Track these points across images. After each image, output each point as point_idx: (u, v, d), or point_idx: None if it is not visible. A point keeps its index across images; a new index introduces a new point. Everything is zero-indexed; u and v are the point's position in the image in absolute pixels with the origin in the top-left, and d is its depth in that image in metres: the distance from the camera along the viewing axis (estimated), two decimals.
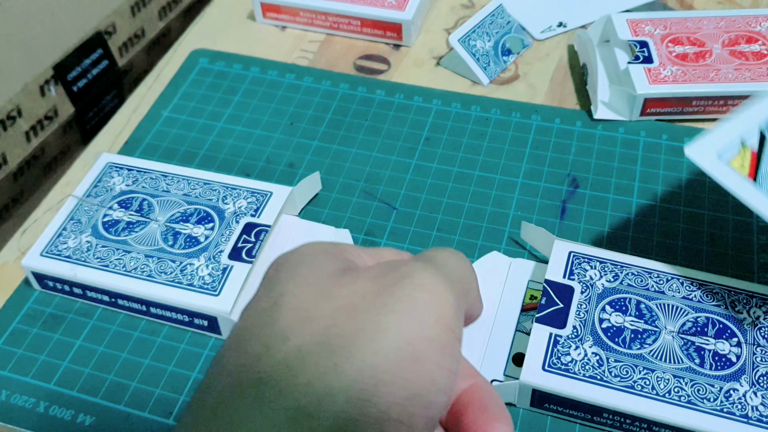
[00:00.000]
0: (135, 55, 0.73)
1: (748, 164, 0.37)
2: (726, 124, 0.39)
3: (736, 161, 0.37)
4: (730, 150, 0.38)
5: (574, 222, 0.47)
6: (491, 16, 0.58)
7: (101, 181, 0.47)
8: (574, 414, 0.37)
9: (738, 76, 0.51)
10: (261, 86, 0.57)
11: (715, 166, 0.37)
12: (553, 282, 0.40)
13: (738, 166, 0.37)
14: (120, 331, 0.43)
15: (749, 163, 0.37)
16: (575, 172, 0.50)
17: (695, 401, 0.36)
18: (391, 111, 0.55)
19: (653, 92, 0.51)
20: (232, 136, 0.53)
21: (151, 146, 0.53)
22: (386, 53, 0.60)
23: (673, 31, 0.55)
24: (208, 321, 0.41)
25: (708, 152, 0.38)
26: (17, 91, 0.61)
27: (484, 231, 0.46)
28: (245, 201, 0.45)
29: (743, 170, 0.37)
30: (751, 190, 0.36)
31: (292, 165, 0.51)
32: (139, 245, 0.43)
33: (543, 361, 0.37)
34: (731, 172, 0.37)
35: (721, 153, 0.37)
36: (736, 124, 0.39)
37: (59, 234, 0.44)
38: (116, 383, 0.40)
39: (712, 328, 0.38)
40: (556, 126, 0.53)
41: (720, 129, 0.39)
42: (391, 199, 0.49)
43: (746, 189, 0.36)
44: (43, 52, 0.63)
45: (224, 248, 0.43)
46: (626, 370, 0.37)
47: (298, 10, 0.61)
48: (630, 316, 0.39)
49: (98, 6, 0.67)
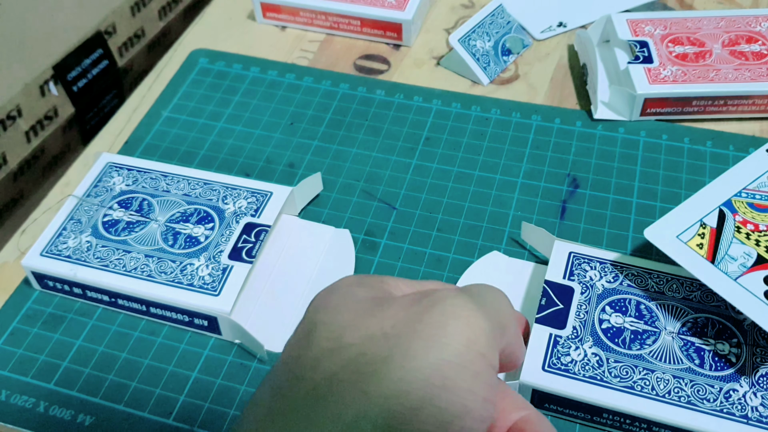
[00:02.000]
0: (135, 55, 0.73)
1: (707, 244, 0.39)
2: (685, 205, 0.41)
3: (694, 241, 0.39)
4: (688, 231, 0.39)
5: (574, 222, 0.47)
6: (491, 16, 0.58)
7: (101, 181, 0.47)
8: (574, 414, 0.37)
9: (738, 76, 0.51)
10: (261, 86, 0.57)
11: (674, 247, 0.39)
12: (553, 282, 0.40)
13: (696, 246, 0.38)
14: (120, 331, 0.43)
15: (708, 242, 0.39)
16: (575, 172, 0.50)
17: (695, 402, 0.36)
18: (391, 111, 0.55)
19: (653, 92, 0.51)
20: (232, 136, 0.53)
21: (151, 146, 0.53)
22: (386, 53, 0.60)
23: (673, 31, 0.55)
24: (208, 321, 0.41)
25: (666, 233, 0.39)
26: (17, 91, 0.61)
27: (484, 231, 0.46)
28: (245, 201, 0.45)
29: (701, 250, 0.38)
30: (709, 269, 0.38)
31: (292, 165, 0.51)
32: (139, 245, 0.43)
33: (543, 361, 0.37)
34: (690, 252, 0.38)
35: (680, 234, 0.39)
36: (694, 205, 0.41)
37: (59, 234, 0.44)
38: (116, 383, 0.40)
39: (712, 328, 0.38)
40: (556, 126, 0.53)
41: (679, 210, 0.40)
42: (391, 199, 0.49)
43: (704, 268, 0.38)
44: (43, 52, 0.63)
45: (224, 248, 0.43)
46: (626, 370, 0.37)
47: (298, 10, 0.61)
48: (630, 317, 0.39)
49: (98, 6, 0.67)
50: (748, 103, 0.51)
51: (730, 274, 0.37)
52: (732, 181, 0.42)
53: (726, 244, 0.38)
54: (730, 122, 0.52)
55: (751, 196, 0.41)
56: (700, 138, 0.51)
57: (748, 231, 0.39)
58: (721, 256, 0.38)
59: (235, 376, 0.40)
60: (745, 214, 0.40)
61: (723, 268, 0.37)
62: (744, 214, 0.40)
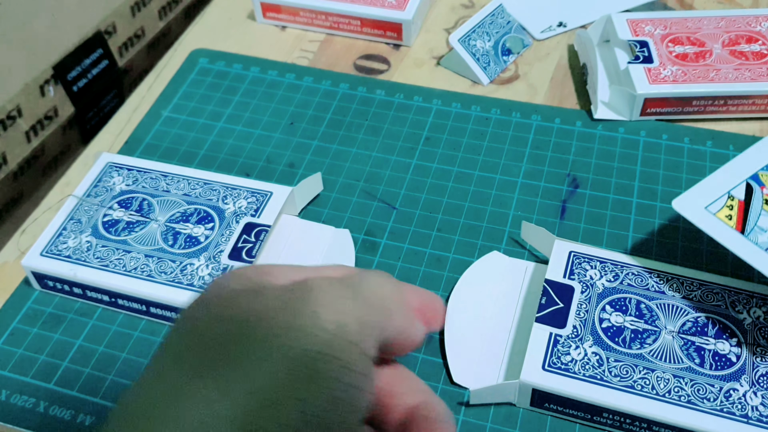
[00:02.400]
0: (135, 55, 0.73)
1: (735, 215, 0.38)
2: (712, 177, 0.40)
3: (723, 212, 0.38)
4: (717, 202, 0.39)
5: (574, 222, 0.47)
6: (491, 16, 0.58)
7: (101, 181, 0.47)
8: (574, 414, 0.37)
9: (738, 76, 0.51)
10: (261, 86, 0.57)
11: (703, 218, 0.38)
12: (553, 282, 0.40)
13: (725, 218, 0.38)
14: (120, 331, 0.43)
15: (737, 214, 0.38)
16: (575, 172, 0.50)
17: (695, 401, 0.36)
18: (391, 111, 0.55)
19: (653, 92, 0.51)
20: (232, 136, 0.53)
21: (151, 146, 0.53)
22: (386, 53, 0.60)
23: (673, 31, 0.55)
24: None
25: (695, 204, 0.39)
26: (17, 91, 0.61)
27: (484, 231, 0.46)
28: (245, 201, 0.45)
29: (731, 221, 0.38)
30: (739, 239, 0.37)
31: (292, 165, 0.51)
32: (139, 245, 0.43)
33: (543, 360, 0.37)
34: (719, 223, 0.38)
35: (708, 205, 0.39)
36: (722, 177, 0.40)
37: (59, 234, 0.44)
38: (116, 383, 0.40)
39: (712, 328, 0.38)
40: (556, 126, 0.53)
41: (707, 182, 0.40)
42: (391, 199, 0.49)
43: (735, 239, 0.37)
44: (43, 52, 0.63)
45: (224, 248, 0.43)
46: (626, 369, 0.37)
47: (298, 9, 0.61)
48: (630, 316, 0.39)
49: (98, 6, 0.67)
50: (748, 103, 0.51)
51: (761, 245, 0.37)
52: (758, 156, 0.41)
53: (755, 215, 0.38)
54: (730, 122, 0.52)
55: None
56: (700, 138, 0.51)
57: None
58: (750, 227, 0.38)
59: None
60: None
61: (753, 239, 0.37)
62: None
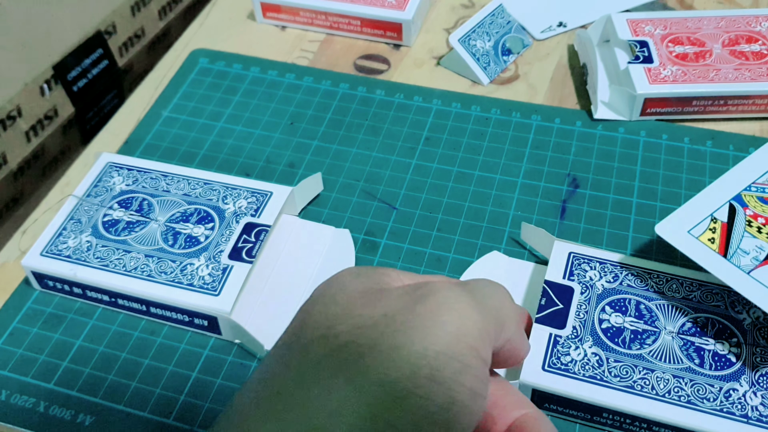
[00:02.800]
0: (135, 55, 0.73)
1: (718, 238, 0.39)
2: (695, 200, 0.41)
3: (705, 236, 0.39)
4: (700, 225, 0.39)
5: (574, 222, 0.47)
6: (491, 16, 0.58)
7: (101, 181, 0.47)
8: (574, 414, 0.37)
9: (738, 76, 0.51)
10: (261, 86, 0.57)
11: (686, 243, 0.39)
12: (552, 282, 0.40)
13: (707, 241, 0.38)
14: (120, 331, 0.43)
15: (719, 237, 0.39)
16: (575, 172, 0.50)
17: (695, 401, 0.36)
18: (391, 111, 0.55)
19: (653, 92, 0.51)
20: (232, 136, 0.53)
21: (151, 146, 0.53)
22: (386, 53, 0.60)
23: (673, 31, 0.55)
24: (208, 321, 0.41)
25: (678, 229, 0.39)
26: (17, 91, 0.61)
27: (484, 231, 0.46)
28: (245, 201, 0.45)
29: (713, 245, 0.38)
30: (722, 263, 0.38)
31: (292, 165, 0.51)
32: (139, 245, 0.43)
33: (543, 361, 0.37)
34: (702, 247, 0.38)
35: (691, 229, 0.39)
36: (705, 200, 0.40)
37: (59, 234, 0.44)
38: (116, 383, 0.40)
39: (712, 328, 0.38)
40: (556, 126, 0.53)
41: (689, 205, 0.40)
42: (391, 199, 0.49)
43: (717, 263, 0.38)
44: (43, 52, 0.63)
45: (224, 248, 0.43)
46: (626, 370, 0.37)
47: (298, 9, 0.61)
48: (630, 317, 0.39)
49: (98, 6, 0.67)
50: (748, 103, 0.51)
51: (743, 268, 0.37)
52: (741, 176, 0.42)
53: (737, 238, 0.38)
54: (730, 122, 0.52)
55: (760, 190, 0.41)
56: (700, 138, 0.51)
57: (759, 225, 0.39)
58: (733, 250, 0.38)
59: (235, 376, 0.40)
60: (756, 208, 0.40)
61: (735, 262, 0.37)
62: (754, 208, 0.40)
